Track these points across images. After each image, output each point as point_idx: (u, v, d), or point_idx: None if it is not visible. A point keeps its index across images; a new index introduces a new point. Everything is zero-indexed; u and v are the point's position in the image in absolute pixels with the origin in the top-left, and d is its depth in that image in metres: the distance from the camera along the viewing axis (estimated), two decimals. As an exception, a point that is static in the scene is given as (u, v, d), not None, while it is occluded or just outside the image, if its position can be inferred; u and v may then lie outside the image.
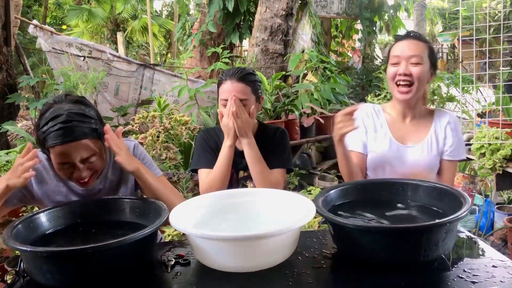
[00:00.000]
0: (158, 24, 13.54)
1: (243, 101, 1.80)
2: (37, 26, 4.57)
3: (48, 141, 1.39)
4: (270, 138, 1.95)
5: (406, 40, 1.82)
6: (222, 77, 1.87)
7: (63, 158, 1.41)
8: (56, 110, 1.41)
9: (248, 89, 1.83)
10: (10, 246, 1.16)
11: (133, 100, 5.09)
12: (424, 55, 1.78)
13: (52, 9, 13.14)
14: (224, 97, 1.81)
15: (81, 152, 1.42)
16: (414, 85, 1.76)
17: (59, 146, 1.39)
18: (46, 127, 1.39)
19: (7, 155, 3.32)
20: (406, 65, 1.76)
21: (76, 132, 1.40)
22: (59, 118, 1.39)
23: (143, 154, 1.73)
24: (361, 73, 7.40)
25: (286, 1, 4.99)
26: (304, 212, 1.24)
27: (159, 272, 1.24)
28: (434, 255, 1.13)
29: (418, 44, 1.79)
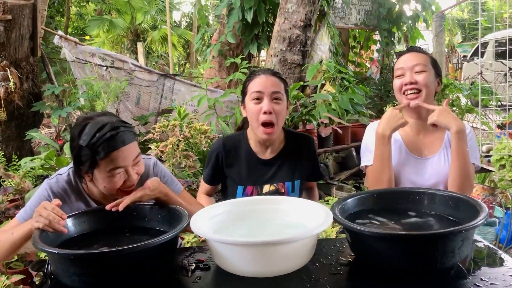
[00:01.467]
0: (177, 34, 13.75)
1: (277, 94, 1.76)
2: (62, 37, 4.71)
3: (101, 152, 1.41)
4: (301, 148, 1.90)
5: (407, 53, 1.86)
6: (253, 73, 1.82)
7: (118, 163, 1.44)
8: (96, 123, 1.44)
9: (282, 85, 1.80)
10: (39, 248, 1.20)
11: (154, 109, 5.18)
12: (427, 63, 1.81)
13: (74, 20, 13.46)
14: (257, 89, 1.75)
15: (131, 154, 1.48)
16: (422, 92, 1.78)
17: (114, 153, 1.42)
18: (95, 139, 1.40)
19: (32, 162, 3.41)
20: (411, 74, 1.79)
21: (124, 136, 1.45)
22: (105, 128, 1.42)
23: (163, 171, 1.75)
24: (379, 83, 7.38)
25: (304, 12, 5.03)
26: (322, 219, 1.26)
27: (179, 276, 1.28)
28: (450, 262, 1.14)
29: (419, 55, 1.83)
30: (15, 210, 2.97)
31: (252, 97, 1.77)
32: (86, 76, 4.48)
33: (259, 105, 1.75)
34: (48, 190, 1.57)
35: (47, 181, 1.60)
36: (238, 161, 1.86)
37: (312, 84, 4.86)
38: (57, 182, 1.59)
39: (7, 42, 4.10)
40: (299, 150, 1.88)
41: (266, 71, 1.80)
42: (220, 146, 1.89)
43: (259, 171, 1.85)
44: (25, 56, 4.29)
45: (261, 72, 1.80)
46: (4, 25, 4.05)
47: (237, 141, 1.90)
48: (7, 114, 4.14)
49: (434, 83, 1.82)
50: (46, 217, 1.31)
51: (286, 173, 1.87)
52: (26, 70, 4.31)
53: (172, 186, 1.71)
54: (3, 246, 1.45)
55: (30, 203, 1.58)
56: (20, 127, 4.35)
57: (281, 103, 1.78)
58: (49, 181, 1.60)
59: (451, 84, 5.50)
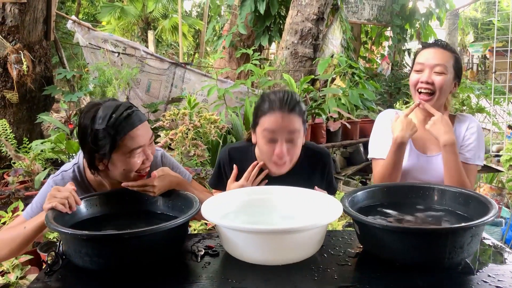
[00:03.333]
0: (187, 24, 13.72)
1: (293, 135, 1.55)
2: (76, 22, 4.72)
3: (121, 131, 1.39)
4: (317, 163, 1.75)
5: (432, 48, 1.79)
6: (268, 105, 1.56)
7: (137, 142, 1.43)
8: (109, 106, 1.42)
9: (299, 121, 1.57)
10: (52, 228, 1.22)
11: (164, 97, 5.20)
12: (449, 64, 1.75)
13: (85, 6, 13.46)
14: (272, 127, 1.54)
15: (148, 132, 1.48)
16: (435, 94, 1.75)
17: (134, 130, 1.42)
18: (113, 119, 1.38)
19: (42, 145, 3.45)
20: (429, 74, 1.75)
21: (139, 115, 1.46)
22: (120, 108, 1.42)
23: (171, 162, 1.74)
24: (389, 80, 7.35)
25: (317, 5, 5.02)
26: (331, 210, 1.28)
27: (189, 261, 1.29)
28: (459, 258, 1.15)
29: (444, 53, 1.77)
30: (25, 191, 3.02)
31: (264, 135, 1.57)
32: (98, 62, 4.50)
33: (271, 145, 1.56)
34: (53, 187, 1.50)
35: (52, 178, 1.59)
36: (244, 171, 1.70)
37: (323, 78, 4.86)
38: (62, 179, 1.58)
39: (21, 25, 4.12)
40: (313, 166, 1.74)
41: (283, 106, 1.54)
42: (226, 156, 1.77)
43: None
44: (38, 39, 4.31)
45: (276, 107, 1.54)
46: (18, 8, 4.07)
47: (244, 154, 1.75)
48: (19, 96, 4.17)
49: (451, 85, 1.78)
50: (62, 197, 1.33)
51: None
52: (39, 54, 4.33)
53: (181, 175, 1.70)
54: (15, 240, 1.44)
55: (36, 201, 1.56)
56: (31, 110, 4.38)
57: (297, 141, 1.58)
58: (54, 178, 1.58)
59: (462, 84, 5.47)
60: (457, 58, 1.79)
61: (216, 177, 1.82)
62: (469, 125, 1.84)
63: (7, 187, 3.22)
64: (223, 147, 1.86)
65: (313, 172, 1.74)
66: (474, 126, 1.83)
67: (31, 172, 3.25)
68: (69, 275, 1.22)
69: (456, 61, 1.78)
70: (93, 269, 1.19)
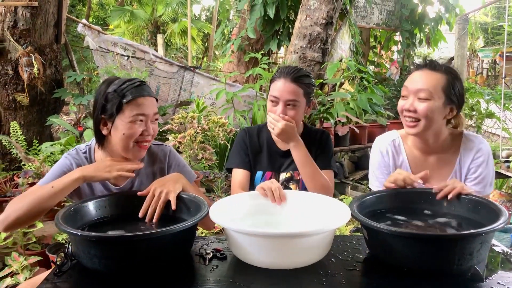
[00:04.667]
0: (196, 27, 13.80)
1: (292, 102, 1.80)
2: (86, 25, 4.77)
3: (129, 95, 1.53)
4: (314, 140, 1.96)
5: (419, 71, 1.64)
6: (276, 74, 1.86)
7: (142, 109, 1.55)
8: (124, 78, 1.61)
9: (300, 91, 1.81)
10: (62, 229, 1.23)
11: (173, 100, 5.22)
12: (436, 89, 1.58)
13: (95, 9, 13.58)
14: (275, 94, 1.81)
15: (154, 107, 1.60)
16: (420, 121, 1.61)
17: (140, 98, 1.55)
18: (124, 85, 1.54)
19: (52, 147, 3.47)
20: (413, 100, 1.61)
21: (149, 90, 1.61)
22: (134, 79, 1.59)
23: (178, 159, 1.80)
24: (398, 84, 7.32)
25: (326, 10, 5.02)
26: (339, 215, 1.29)
27: (197, 264, 1.30)
28: (468, 265, 1.14)
29: (431, 75, 1.60)
30: (34, 193, 3.03)
31: (270, 98, 1.85)
32: (108, 65, 4.53)
33: (274, 107, 1.82)
34: (70, 159, 1.64)
35: (68, 153, 1.67)
36: (260, 149, 1.96)
37: (331, 82, 4.86)
38: (77, 153, 1.67)
39: (32, 28, 4.16)
40: (314, 143, 1.95)
41: (287, 75, 1.81)
42: (245, 132, 2.01)
43: (278, 161, 1.94)
44: (49, 42, 4.36)
45: (282, 75, 1.82)
46: (30, 12, 4.11)
47: (259, 131, 2.01)
48: (30, 99, 4.21)
49: (441, 112, 1.61)
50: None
51: None
52: (49, 57, 4.38)
53: (185, 174, 1.73)
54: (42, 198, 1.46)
55: (52, 172, 1.62)
56: (41, 113, 4.42)
57: (297, 108, 1.82)
58: (70, 153, 1.67)
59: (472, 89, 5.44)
60: (451, 80, 1.61)
61: (239, 152, 1.97)
62: (475, 155, 1.68)
63: (17, 189, 3.25)
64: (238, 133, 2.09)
65: (314, 148, 1.93)
66: (480, 156, 1.67)
67: (41, 174, 3.27)
68: (78, 276, 1.23)
69: (448, 84, 1.60)
70: (102, 271, 1.20)
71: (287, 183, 1.92)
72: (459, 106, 1.65)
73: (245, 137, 1.99)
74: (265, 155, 1.96)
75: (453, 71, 1.64)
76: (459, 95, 1.62)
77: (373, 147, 1.88)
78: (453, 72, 1.63)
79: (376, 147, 1.84)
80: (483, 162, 1.67)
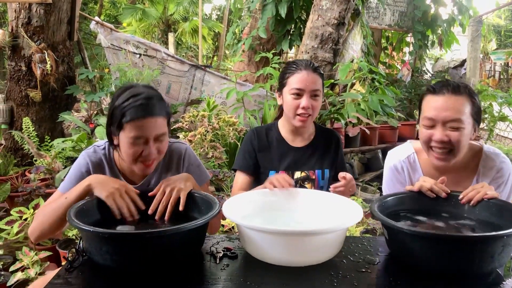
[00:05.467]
0: (207, 27, 13.81)
1: (316, 92, 1.81)
2: (99, 23, 4.79)
3: (128, 116, 1.46)
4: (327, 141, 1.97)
5: (442, 96, 1.50)
6: (295, 66, 1.83)
7: (140, 132, 1.47)
8: (135, 90, 1.51)
9: (320, 82, 1.83)
10: (74, 225, 1.23)
11: (183, 99, 5.23)
12: (466, 115, 1.48)
13: (107, 7, 13.65)
14: (299, 86, 1.78)
15: (156, 128, 1.50)
16: (454, 150, 1.51)
17: (139, 120, 1.46)
18: (127, 102, 1.46)
19: (63, 143, 3.50)
20: (443, 130, 1.49)
21: (155, 109, 1.49)
22: (140, 95, 1.48)
23: (194, 157, 1.78)
24: (409, 86, 7.28)
25: (338, 10, 5.00)
26: (351, 214, 1.29)
27: (207, 263, 1.30)
28: (489, 267, 1.13)
29: (457, 101, 1.48)
30: (45, 189, 3.06)
31: (292, 92, 1.81)
32: (120, 63, 4.56)
33: (298, 100, 1.80)
34: (86, 159, 1.62)
35: (85, 151, 1.66)
36: (269, 148, 1.94)
37: (342, 82, 4.83)
38: (94, 152, 1.66)
39: (46, 25, 4.20)
40: (327, 143, 1.96)
41: (308, 66, 1.81)
42: (253, 133, 1.98)
43: (291, 157, 1.91)
44: (62, 39, 4.39)
45: (302, 66, 1.81)
46: (44, 9, 4.15)
47: (268, 130, 1.99)
48: (42, 95, 4.24)
49: (470, 134, 1.52)
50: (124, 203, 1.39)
51: (316, 161, 1.93)
52: (62, 54, 4.41)
53: (199, 173, 1.74)
54: (58, 211, 1.46)
55: (70, 173, 1.62)
56: (53, 109, 4.45)
57: (319, 99, 1.83)
58: (87, 151, 1.66)
59: (485, 91, 5.39)
60: (474, 101, 1.51)
61: (245, 155, 1.95)
62: (495, 174, 1.59)
63: (29, 184, 3.28)
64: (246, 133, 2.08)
65: (328, 147, 1.96)
66: (501, 176, 1.58)
67: (52, 170, 3.31)
68: (89, 272, 1.24)
69: (473, 105, 1.50)
70: (113, 267, 1.20)
71: (302, 183, 1.91)
72: (479, 123, 1.59)
73: (252, 138, 1.96)
74: (276, 153, 1.94)
75: (472, 90, 1.54)
76: (480, 113, 1.56)
77: (386, 163, 1.79)
78: (471, 91, 1.53)
79: (390, 164, 1.75)
80: (503, 183, 1.58)
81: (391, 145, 4.91)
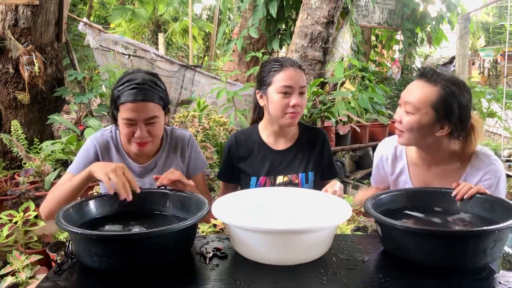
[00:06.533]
0: (198, 27, 13.79)
1: (303, 88, 1.77)
2: (87, 24, 4.76)
3: (121, 98, 1.59)
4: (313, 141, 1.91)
5: (416, 81, 1.55)
6: (280, 64, 1.76)
7: (131, 114, 1.59)
8: (132, 76, 1.64)
9: (305, 78, 1.80)
10: (62, 227, 1.22)
11: (173, 99, 5.22)
12: (424, 104, 1.48)
13: (96, 8, 13.58)
14: (288, 83, 1.73)
15: (146, 112, 1.61)
16: (404, 133, 1.55)
17: (129, 103, 1.58)
18: (122, 86, 1.60)
19: (53, 145, 3.47)
20: (402, 111, 1.55)
21: (146, 94, 1.60)
22: (135, 80, 1.61)
23: (195, 145, 1.91)
24: (399, 84, 7.32)
25: (328, 9, 5.01)
26: (340, 212, 1.30)
27: (197, 263, 1.29)
28: (482, 262, 1.14)
29: (423, 89, 1.49)
30: (35, 192, 3.04)
31: (280, 90, 1.74)
32: (109, 64, 4.53)
33: (287, 99, 1.74)
34: (94, 141, 1.76)
35: (93, 135, 1.79)
36: (250, 154, 1.88)
37: (332, 81, 4.85)
38: (101, 135, 1.79)
39: (33, 26, 4.16)
40: (312, 143, 1.90)
41: (293, 64, 1.78)
42: (233, 140, 1.91)
43: (272, 162, 1.85)
44: (50, 41, 4.35)
45: (288, 64, 1.76)
46: (31, 10, 4.11)
47: (249, 134, 1.92)
48: (30, 97, 4.20)
49: (429, 128, 1.51)
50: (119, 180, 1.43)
51: (300, 164, 1.86)
52: (50, 55, 4.37)
53: (201, 160, 1.91)
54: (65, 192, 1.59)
55: (79, 156, 1.76)
56: (42, 111, 4.41)
57: (305, 96, 1.82)
58: (95, 135, 1.79)
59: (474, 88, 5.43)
60: (445, 96, 1.47)
61: (225, 165, 1.93)
62: (482, 176, 1.57)
63: (18, 187, 3.25)
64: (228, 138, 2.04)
65: (313, 148, 1.89)
66: (488, 179, 1.56)
67: (42, 172, 3.28)
68: (78, 274, 1.23)
69: (440, 100, 1.47)
70: (102, 269, 1.19)
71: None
72: (458, 125, 1.51)
73: (232, 146, 1.90)
74: (257, 159, 1.87)
75: (453, 88, 1.48)
76: (457, 113, 1.48)
77: (377, 149, 1.85)
78: (452, 88, 1.47)
79: (379, 151, 1.83)
80: (491, 186, 1.55)
81: (381, 143, 4.93)
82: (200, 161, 1.90)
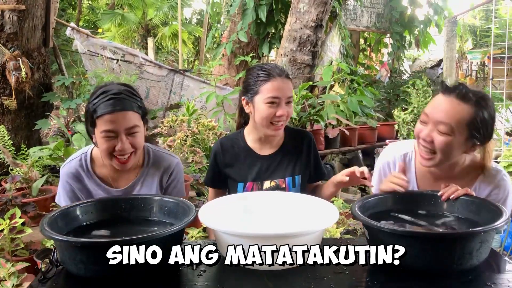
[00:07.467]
0: (187, 31, 13.76)
1: (290, 98, 1.75)
2: (74, 29, 4.74)
3: (98, 111, 1.53)
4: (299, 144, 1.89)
5: (445, 97, 1.44)
6: (268, 73, 1.73)
7: (110, 126, 1.53)
8: (106, 88, 1.58)
9: (292, 86, 1.78)
10: (46, 235, 1.21)
11: (162, 104, 5.20)
12: (460, 124, 1.40)
13: (85, 13, 13.51)
14: (276, 94, 1.70)
15: (127, 122, 1.55)
16: (436, 155, 1.47)
17: (108, 115, 1.52)
18: (97, 99, 1.54)
19: (40, 151, 3.44)
20: (431, 130, 1.45)
21: (124, 103, 1.55)
22: (110, 91, 1.55)
23: (181, 174, 1.84)
24: (388, 87, 7.36)
25: (316, 12, 5.03)
26: (327, 215, 1.29)
27: (184, 269, 1.28)
28: (468, 264, 1.15)
29: (457, 108, 1.41)
30: (22, 198, 3.00)
31: (267, 101, 1.72)
32: (97, 69, 4.51)
33: (273, 109, 1.72)
34: (65, 177, 1.71)
35: (61, 169, 1.74)
36: (236, 160, 1.86)
37: (321, 84, 4.86)
38: (69, 166, 1.72)
39: (20, 32, 4.13)
40: (298, 146, 1.88)
41: (281, 73, 1.74)
42: (218, 147, 1.89)
43: (259, 167, 1.83)
44: (37, 46, 4.32)
45: (275, 73, 1.73)
46: (17, 15, 4.08)
47: (235, 140, 1.90)
48: (17, 103, 4.17)
49: (461, 147, 1.45)
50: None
51: (286, 169, 1.85)
52: (37, 61, 4.34)
53: (180, 190, 1.82)
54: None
55: (59, 189, 1.74)
56: (29, 117, 4.38)
57: (292, 105, 1.79)
58: (63, 169, 1.73)
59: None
60: (478, 113, 1.41)
61: (211, 172, 1.91)
62: (492, 191, 1.54)
63: (4, 194, 3.20)
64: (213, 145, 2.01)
65: (299, 152, 1.88)
66: (498, 193, 1.53)
67: (29, 179, 3.24)
68: (63, 282, 1.21)
69: (474, 118, 1.40)
70: (87, 277, 1.18)
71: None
72: (485, 140, 1.47)
73: (217, 152, 1.88)
74: (244, 164, 1.86)
75: (483, 102, 1.43)
76: (485, 129, 1.44)
77: (383, 152, 1.79)
78: (482, 104, 1.42)
79: (386, 154, 1.75)
80: (500, 200, 1.52)
81: (370, 146, 4.96)
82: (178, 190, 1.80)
